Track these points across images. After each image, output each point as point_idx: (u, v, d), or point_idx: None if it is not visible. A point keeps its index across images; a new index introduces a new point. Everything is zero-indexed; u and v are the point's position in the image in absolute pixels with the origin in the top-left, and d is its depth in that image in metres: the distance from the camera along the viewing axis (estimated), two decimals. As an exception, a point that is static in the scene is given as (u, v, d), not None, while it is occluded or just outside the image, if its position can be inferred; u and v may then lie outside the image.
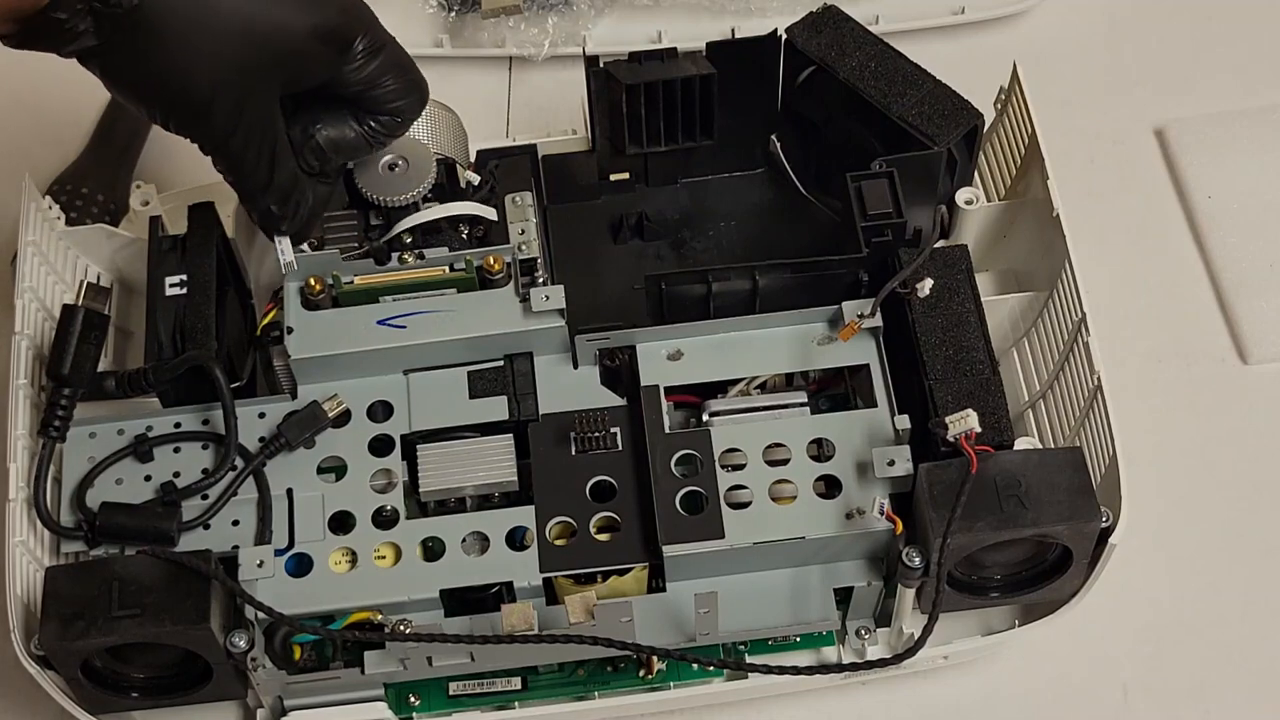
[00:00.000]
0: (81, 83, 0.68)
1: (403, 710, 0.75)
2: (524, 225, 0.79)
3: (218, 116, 0.67)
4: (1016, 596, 0.74)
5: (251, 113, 0.68)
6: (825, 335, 0.76)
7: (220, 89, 0.66)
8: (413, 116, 0.74)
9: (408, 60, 0.72)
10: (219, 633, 0.69)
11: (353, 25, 0.69)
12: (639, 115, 0.83)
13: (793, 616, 0.72)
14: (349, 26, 0.69)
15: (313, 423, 0.74)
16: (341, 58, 0.69)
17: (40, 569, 0.72)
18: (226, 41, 0.66)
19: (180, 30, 0.64)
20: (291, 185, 0.72)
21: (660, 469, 0.72)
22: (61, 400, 0.74)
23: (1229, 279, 0.92)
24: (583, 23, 1.01)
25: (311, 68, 0.69)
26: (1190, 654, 0.80)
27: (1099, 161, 0.97)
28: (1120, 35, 1.03)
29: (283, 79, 0.69)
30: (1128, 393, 0.84)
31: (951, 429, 0.69)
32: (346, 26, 0.69)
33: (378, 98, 0.72)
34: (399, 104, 0.73)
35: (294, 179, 0.72)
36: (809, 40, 0.83)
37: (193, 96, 0.66)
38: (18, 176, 0.82)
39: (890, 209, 0.76)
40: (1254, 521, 0.84)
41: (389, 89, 0.72)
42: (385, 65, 0.71)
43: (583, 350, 0.76)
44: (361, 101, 0.72)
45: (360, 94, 0.71)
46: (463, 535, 0.72)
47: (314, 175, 0.73)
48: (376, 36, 0.70)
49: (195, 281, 0.78)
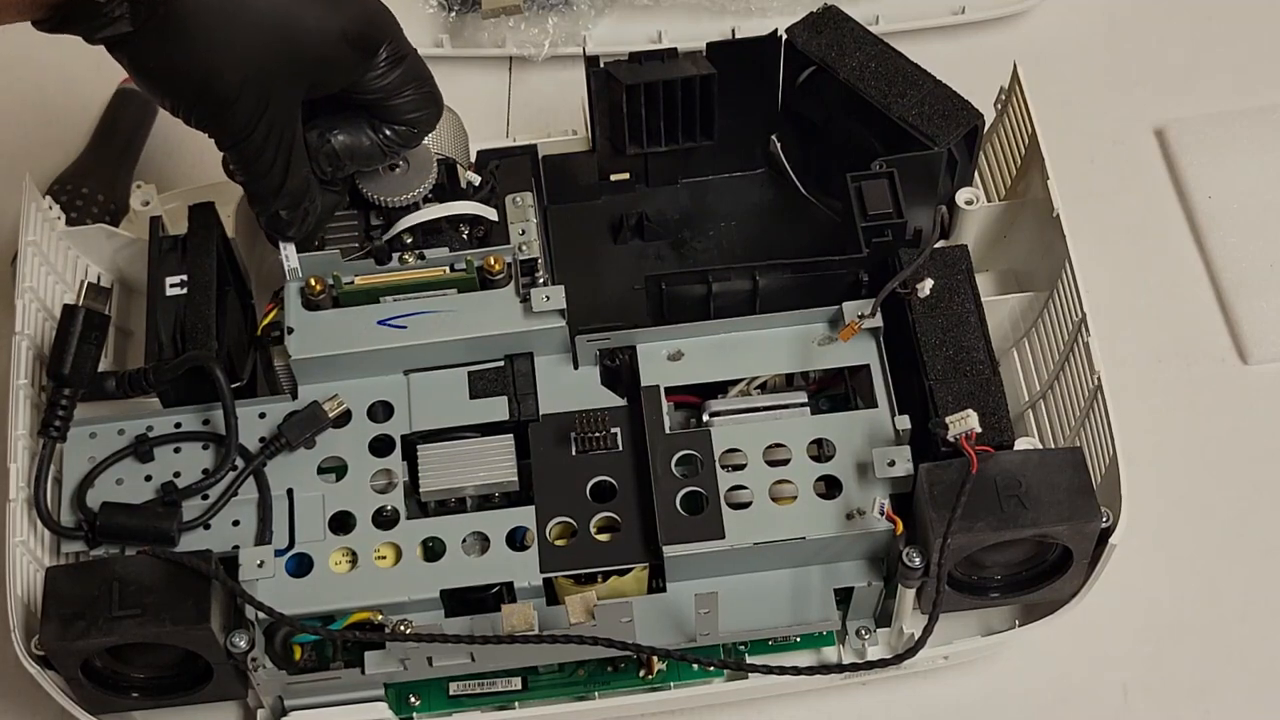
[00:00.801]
0: (82, 83, 0.68)
1: (403, 710, 0.75)
2: (524, 225, 0.79)
3: (241, 113, 0.67)
4: (1017, 596, 0.74)
5: (274, 112, 0.68)
6: (825, 335, 0.76)
7: (247, 86, 0.66)
8: (428, 129, 0.74)
9: (427, 73, 0.73)
10: (219, 633, 0.69)
11: (380, 32, 0.70)
12: (639, 115, 0.83)
13: (793, 617, 0.72)
14: (377, 32, 0.70)
15: (313, 423, 0.74)
16: (366, 63, 0.70)
17: (40, 569, 0.72)
18: (258, 37, 0.66)
19: (214, 24, 0.64)
20: (303, 191, 0.72)
21: (660, 469, 0.72)
22: (62, 400, 0.74)
23: (1229, 279, 0.92)
24: (583, 23, 1.01)
25: (337, 71, 0.69)
26: (1190, 654, 0.80)
27: (1099, 161, 0.97)
28: (1120, 35, 1.03)
29: (308, 81, 0.69)
30: (1128, 393, 0.84)
31: (952, 429, 0.69)
32: (374, 32, 0.69)
33: (397, 107, 0.72)
34: (416, 115, 0.73)
35: (306, 184, 0.72)
36: (809, 40, 0.83)
37: (219, 91, 0.66)
38: (18, 176, 0.82)
39: (890, 209, 0.76)
40: (1254, 521, 0.84)
41: (408, 99, 0.72)
42: (406, 75, 0.71)
43: (583, 350, 0.76)
44: (379, 110, 0.72)
45: (379, 102, 0.71)
46: (463, 535, 0.72)
47: (324, 182, 0.73)
48: (400, 46, 0.71)
49: (195, 281, 0.78)
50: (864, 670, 0.72)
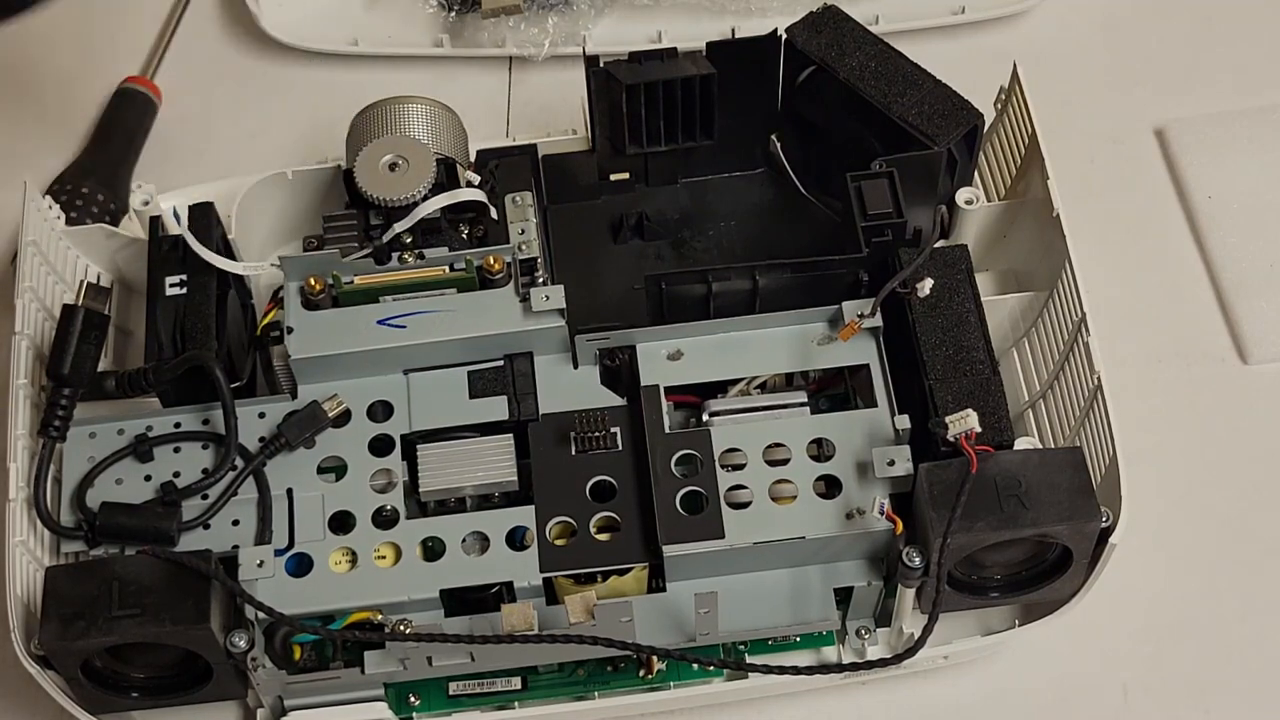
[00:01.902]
0: (82, 83, 0.68)
1: (403, 710, 0.75)
2: (524, 225, 0.79)
3: None
4: (1016, 596, 0.74)
5: None
6: (825, 335, 0.76)
7: None
8: None
9: None
10: (219, 633, 0.69)
11: None
12: (639, 115, 0.83)
13: (793, 616, 0.72)
14: None
15: (313, 423, 0.74)
16: None
17: (40, 569, 0.72)
18: None
19: None
20: None
21: (660, 469, 0.72)
22: (61, 400, 0.74)
23: (1229, 279, 0.92)
24: (583, 23, 1.01)
25: None
26: (1190, 654, 0.80)
27: (1099, 161, 0.97)
28: (1120, 35, 1.03)
29: None
30: (1128, 393, 0.84)
31: (952, 429, 0.69)
32: None
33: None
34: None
35: None
36: (809, 40, 0.83)
37: None
38: (18, 176, 0.82)
39: (890, 209, 0.76)
40: (1254, 521, 0.84)
41: None
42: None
43: (583, 350, 0.76)
44: None
45: None
46: (463, 535, 0.72)
47: None
48: None
49: (195, 281, 0.78)
50: (864, 670, 0.72)
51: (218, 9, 1.05)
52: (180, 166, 0.98)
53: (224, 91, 1.02)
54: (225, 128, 1.00)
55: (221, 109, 1.01)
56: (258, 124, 1.00)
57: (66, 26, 1.03)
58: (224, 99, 1.02)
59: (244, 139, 1.00)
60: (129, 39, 1.04)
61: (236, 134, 1.00)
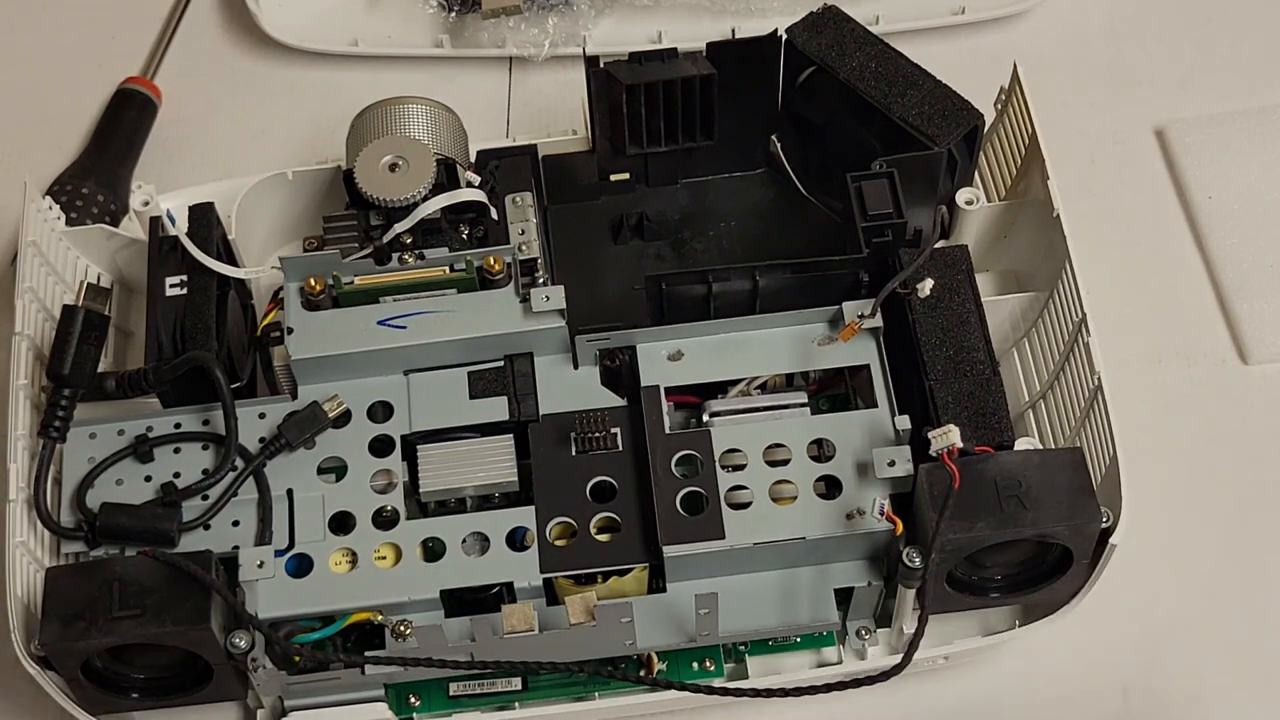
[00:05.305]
0: (82, 83, 0.68)
1: (403, 710, 0.75)
2: (524, 225, 0.79)
3: None
4: (1017, 597, 0.74)
5: None
6: (825, 335, 0.76)
7: None
8: None
9: None
10: (219, 633, 0.69)
11: None
12: (639, 115, 0.83)
13: (793, 617, 0.72)
14: None
15: (313, 423, 0.74)
16: None
17: (40, 569, 0.72)
18: None
19: None
20: None
21: (660, 469, 0.72)
22: (61, 400, 0.74)
23: (1229, 279, 0.92)
24: (583, 23, 1.01)
25: None
26: (1190, 654, 0.80)
27: (1099, 161, 0.97)
28: (1120, 35, 1.03)
29: None
30: (1128, 393, 0.84)
31: (934, 444, 0.69)
32: None
33: None
34: None
35: None
36: (809, 40, 0.83)
37: None
38: (18, 176, 0.82)
39: (890, 209, 0.76)
40: (1254, 521, 0.84)
41: None
42: None
43: (583, 350, 0.76)
44: None
45: None
46: (463, 536, 0.72)
47: None
48: None
49: (195, 282, 0.78)
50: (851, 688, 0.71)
51: (218, 9, 1.05)
52: (180, 167, 0.98)
53: (224, 92, 1.02)
54: (225, 128, 1.00)
55: (222, 109, 1.01)
56: (258, 124, 1.00)
57: (66, 26, 1.03)
58: (224, 99, 1.02)
59: (244, 139, 1.00)
60: (129, 39, 1.04)
61: (236, 134, 1.00)
